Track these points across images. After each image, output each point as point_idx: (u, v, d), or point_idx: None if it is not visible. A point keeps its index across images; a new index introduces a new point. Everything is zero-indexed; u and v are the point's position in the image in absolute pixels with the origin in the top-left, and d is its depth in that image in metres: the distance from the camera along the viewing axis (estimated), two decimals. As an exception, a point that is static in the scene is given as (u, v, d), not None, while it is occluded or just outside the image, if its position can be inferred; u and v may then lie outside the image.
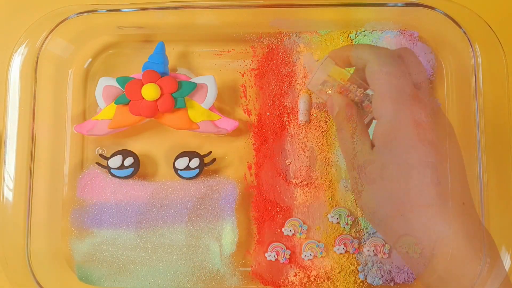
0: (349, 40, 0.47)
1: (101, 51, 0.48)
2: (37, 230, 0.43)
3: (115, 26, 0.46)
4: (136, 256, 0.44)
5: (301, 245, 0.45)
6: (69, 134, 0.46)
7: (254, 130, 0.46)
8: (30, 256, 0.42)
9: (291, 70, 0.47)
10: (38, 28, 0.44)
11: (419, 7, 0.44)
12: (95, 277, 0.44)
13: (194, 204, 0.44)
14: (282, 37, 0.47)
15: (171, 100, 0.43)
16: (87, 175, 0.45)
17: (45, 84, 0.45)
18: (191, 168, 0.44)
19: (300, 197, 0.45)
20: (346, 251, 0.44)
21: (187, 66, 0.48)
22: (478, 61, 0.43)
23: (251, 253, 0.45)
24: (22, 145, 0.43)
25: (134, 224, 0.44)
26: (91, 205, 0.44)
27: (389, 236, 0.33)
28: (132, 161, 0.44)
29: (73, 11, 0.44)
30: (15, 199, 0.42)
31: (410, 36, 0.47)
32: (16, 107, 0.43)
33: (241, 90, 0.47)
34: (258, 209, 0.45)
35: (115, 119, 0.44)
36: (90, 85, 0.48)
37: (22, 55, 0.44)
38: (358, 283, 0.44)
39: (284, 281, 0.44)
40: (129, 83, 0.43)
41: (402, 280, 0.44)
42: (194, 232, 0.44)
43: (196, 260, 0.44)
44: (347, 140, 0.35)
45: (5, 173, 0.42)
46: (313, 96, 0.46)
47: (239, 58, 0.48)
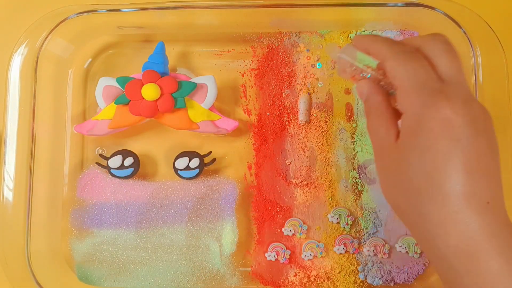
0: (349, 40, 0.47)
1: (101, 51, 0.48)
2: (37, 230, 0.43)
3: (115, 26, 0.46)
4: (136, 256, 0.44)
5: (301, 245, 0.45)
6: (69, 134, 0.46)
7: (254, 130, 0.46)
8: (30, 256, 0.42)
9: (291, 70, 0.47)
10: (38, 28, 0.44)
11: (419, 7, 0.44)
12: (95, 277, 0.44)
13: (194, 204, 0.44)
14: (282, 37, 0.47)
15: (171, 100, 0.43)
16: (87, 175, 0.45)
17: (45, 84, 0.45)
18: (191, 168, 0.44)
19: (300, 197, 0.45)
20: (346, 251, 0.44)
21: (187, 66, 0.48)
22: (478, 61, 0.43)
23: (251, 253, 0.45)
24: (22, 145, 0.43)
25: (134, 224, 0.44)
26: (91, 205, 0.44)
27: (414, 229, 0.32)
28: (132, 161, 0.44)
29: (73, 11, 0.44)
30: (15, 199, 0.42)
31: (410, 36, 0.47)
32: (16, 107, 0.43)
33: (241, 90, 0.47)
34: (258, 209, 0.45)
35: (115, 119, 0.44)
36: (90, 85, 0.48)
37: (22, 55, 0.44)
38: (358, 283, 0.44)
39: (284, 281, 0.44)
40: (129, 83, 0.43)
41: (402, 280, 0.44)
42: (194, 232, 0.44)
43: (196, 260, 0.44)
44: (374, 126, 0.34)
45: (5, 173, 0.43)
46: (313, 96, 0.46)
47: (239, 58, 0.48)
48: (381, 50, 0.33)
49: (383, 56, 0.33)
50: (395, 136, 0.32)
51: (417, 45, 0.33)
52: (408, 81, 0.31)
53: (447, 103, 0.29)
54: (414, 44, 0.33)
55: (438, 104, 0.29)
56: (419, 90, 0.30)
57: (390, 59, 0.32)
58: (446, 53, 0.32)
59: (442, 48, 0.32)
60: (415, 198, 0.30)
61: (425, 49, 0.33)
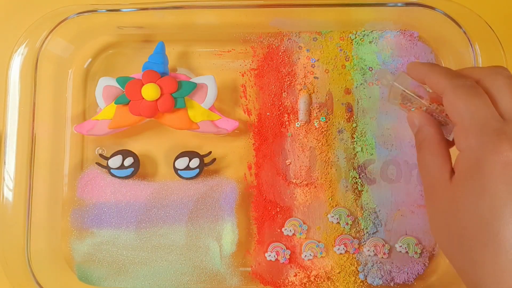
0: (349, 40, 0.47)
1: (101, 51, 0.48)
2: (37, 230, 0.43)
3: (115, 26, 0.46)
4: (136, 256, 0.44)
5: (301, 245, 0.45)
6: (69, 134, 0.46)
7: (254, 130, 0.46)
8: (30, 256, 0.42)
9: (291, 70, 0.47)
10: (38, 28, 0.44)
11: (419, 7, 0.44)
12: (95, 277, 0.44)
13: (194, 204, 0.44)
14: (282, 37, 0.47)
15: (171, 100, 0.43)
16: (87, 175, 0.45)
17: (45, 84, 0.45)
18: (191, 168, 0.44)
19: (300, 197, 0.45)
20: (346, 251, 0.44)
21: (187, 66, 0.48)
22: (478, 61, 0.43)
23: (251, 253, 0.45)
24: (22, 145, 0.43)
25: (134, 224, 0.44)
26: (91, 205, 0.44)
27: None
28: (132, 161, 0.44)
29: (73, 11, 0.44)
30: (15, 199, 0.42)
31: (410, 36, 0.47)
32: (16, 107, 0.43)
33: (241, 90, 0.47)
34: (258, 209, 0.45)
35: (115, 119, 0.44)
36: (90, 85, 0.47)
37: (22, 55, 0.44)
38: (358, 283, 0.44)
39: (284, 281, 0.44)
40: (129, 83, 0.43)
41: (402, 280, 0.44)
42: (194, 232, 0.44)
43: (196, 260, 0.44)
44: (426, 162, 0.32)
45: (5, 173, 0.43)
46: (313, 96, 0.46)
47: (239, 58, 0.48)
48: (440, 82, 0.31)
49: (442, 88, 0.31)
50: (449, 174, 0.30)
51: (477, 77, 0.31)
52: (468, 119, 0.29)
53: (509, 146, 0.27)
54: (474, 76, 0.31)
55: (499, 146, 0.28)
56: (480, 130, 0.28)
57: (449, 92, 0.30)
58: (509, 89, 0.30)
59: (505, 83, 0.30)
60: (467, 243, 0.28)
61: (486, 82, 0.31)
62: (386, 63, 0.46)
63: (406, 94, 0.34)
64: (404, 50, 0.47)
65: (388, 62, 0.46)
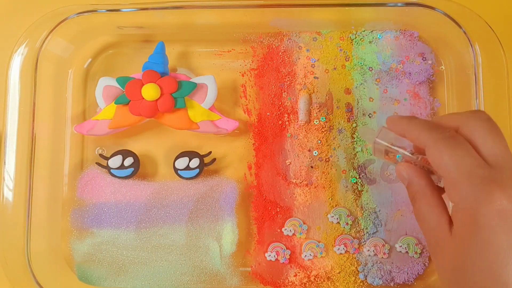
0: (349, 40, 0.47)
1: (101, 51, 0.48)
2: (37, 230, 0.43)
3: (115, 26, 0.46)
4: (136, 256, 0.44)
5: (301, 245, 0.45)
6: (69, 134, 0.46)
7: (254, 130, 0.46)
8: (30, 256, 0.42)
9: (291, 70, 0.47)
10: (38, 28, 0.44)
11: (419, 7, 0.44)
12: (95, 277, 0.44)
13: (194, 204, 0.44)
14: (282, 37, 0.47)
15: (171, 100, 0.43)
16: (87, 175, 0.45)
17: (45, 84, 0.45)
18: (191, 168, 0.44)
19: (300, 197, 0.45)
20: (346, 251, 0.44)
21: (187, 66, 0.48)
22: (478, 61, 0.43)
23: (251, 253, 0.45)
24: (22, 145, 0.43)
25: (134, 224, 0.44)
26: (91, 205, 0.44)
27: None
28: (132, 161, 0.44)
29: (73, 11, 0.44)
30: (15, 199, 0.42)
31: (410, 36, 0.47)
32: (16, 107, 0.43)
33: (241, 90, 0.47)
34: (258, 209, 0.45)
35: (115, 119, 0.44)
36: (90, 85, 0.48)
37: (22, 55, 0.44)
38: (358, 283, 0.44)
39: (284, 281, 0.44)
40: (129, 83, 0.43)
41: (402, 280, 0.44)
42: (194, 232, 0.44)
43: (196, 260, 0.44)
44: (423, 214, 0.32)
45: (5, 173, 0.43)
46: (313, 96, 0.46)
47: (239, 58, 0.48)
48: (420, 136, 0.31)
49: (423, 143, 0.31)
50: (448, 225, 0.30)
51: (455, 124, 0.31)
52: (455, 171, 0.29)
53: (500, 193, 0.27)
54: (452, 123, 0.31)
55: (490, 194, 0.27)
56: (468, 181, 0.28)
57: (431, 147, 0.30)
58: (489, 132, 0.30)
59: (484, 127, 0.30)
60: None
61: (466, 129, 0.30)
62: (386, 63, 0.47)
63: (389, 149, 0.34)
64: (404, 50, 0.47)
65: (388, 62, 0.47)
